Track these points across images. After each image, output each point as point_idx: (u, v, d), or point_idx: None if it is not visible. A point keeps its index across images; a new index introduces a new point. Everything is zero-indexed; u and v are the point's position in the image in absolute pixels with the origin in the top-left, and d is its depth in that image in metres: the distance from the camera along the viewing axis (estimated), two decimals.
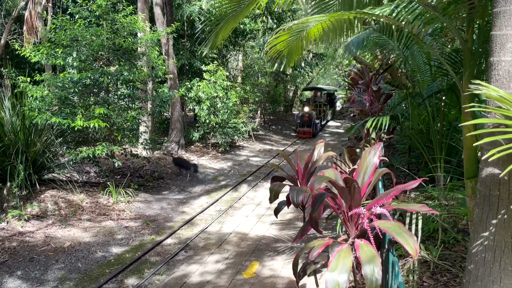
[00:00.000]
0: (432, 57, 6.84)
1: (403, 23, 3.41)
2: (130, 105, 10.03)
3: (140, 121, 10.87)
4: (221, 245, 6.44)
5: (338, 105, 32.20)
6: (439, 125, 6.61)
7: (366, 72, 8.59)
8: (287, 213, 7.90)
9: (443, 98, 6.79)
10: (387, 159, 5.35)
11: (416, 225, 3.84)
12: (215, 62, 14.84)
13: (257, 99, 19.62)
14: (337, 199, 2.85)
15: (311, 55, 26.26)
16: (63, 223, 7.03)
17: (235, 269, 5.57)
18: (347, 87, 19.48)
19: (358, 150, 5.92)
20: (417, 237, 3.75)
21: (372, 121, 5.99)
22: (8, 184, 7.37)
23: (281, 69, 8.79)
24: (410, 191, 6.17)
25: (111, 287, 5.20)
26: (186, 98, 14.54)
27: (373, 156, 2.99)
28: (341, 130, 21.93)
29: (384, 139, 7.61)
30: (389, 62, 9.66)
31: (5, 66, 9.47)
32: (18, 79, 8.16)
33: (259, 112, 22.36)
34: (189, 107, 16.57)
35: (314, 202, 2.74)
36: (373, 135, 7.00)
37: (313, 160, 3.55)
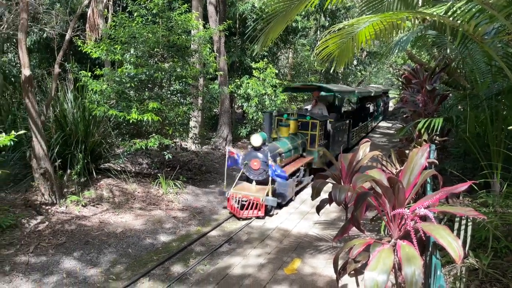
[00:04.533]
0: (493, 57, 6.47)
1: (459, 22, 3.28)
2: (182, 100, 10.38)
3: (190, 116, 11.21)
4: (264, 240, 6.52)
5: (391, 105, 30.84)
6: (497, 129, 6.25)
7: (420, 71, 8.28)
8: (331, 212, 7.83)
9: (503, 100, 6.41)
10: (437, 162, 5.16)
11: (465, 231, 3.68)
12: (265, 59, 14.94)
13: (305, 97, 19.50)
14: (380, 199, 2.81)
15: (364, 53, 25.68)
16: (116, 210, 7.43)
17: (276, 264, 5.62)
18: (400, 87, 17.72)
19: (407, 151, 5.74)
20: (465, 243, 3.60)
21: (424, 122, 5.78)
22: (68, 171, 7.90)
23: (332, 70, 8.80)
24: (464, 197, 5.91)
25: (158, 273, 5.45)
26: (235, 95, 14.79)
27: (420, 157, 2.92)
28: (392, 131, 21.22)
29: (436, 141, 7.32)
30: (447, 61, 9.24)
31: (68, 61, 10.13)
32: (80, 73, 8.70)
33: None
34: (237, 103, 16.81)
35: (356, 201, 2.72)
36: (425, 137, 6.76)
37: (358, 159, 3.51)
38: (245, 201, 7.60)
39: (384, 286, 2.30)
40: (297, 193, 9.19)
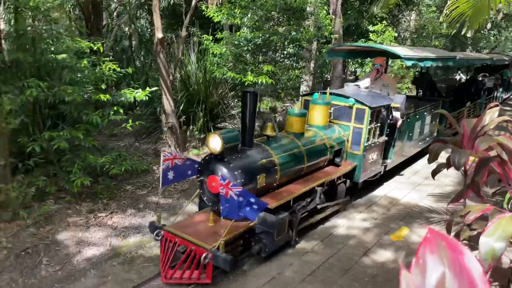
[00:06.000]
0: None
1: None
2: (295, 64, 10.50)
3: (302, 80, 11.29)
4: (370, 206, 6.48)
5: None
6: None
7: None
8: (446, 186, 7.39)
9: None
10: None
11: None
12: (384, 22, 14.12)
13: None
14: (506, 167, 2.63)
15: (500, 15, 22.56)
16: None
17: (382, 230, 5.59)
18: None
19: None
20: None
21: None
22: (191, 127, 8.72)
23: (463, 32, 7.83)
24: None
25: None
26: (349, 60, 14.36)
27: None
28: None
29: None
30: None
31: (193, 25, 10.89)
32: (203, 37, 9.33)
33: None
34: (350, 69, 16.32)
35: (478, 165, 2.58)
36: None
37: (483, 125, 3.27)
38: (183, 252, 4.26)
39: (500, 254, 2.21)
40: (304, 231, 5.39)
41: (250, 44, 9.16)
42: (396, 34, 15.16)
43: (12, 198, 5.07)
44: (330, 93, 6.32)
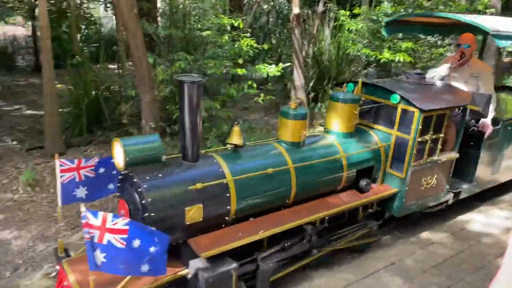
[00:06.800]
0: None
1: None
2: (439, 41, 9.58)
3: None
4: None
5: None
6: None
7: None
8: None
9: None
10: None
11: None
12: None
13: None
14: None
15: None
16: None
17: None
18: None
19: None
20: None
21: None
22: (319, 104, 8.72)
23: None
24: None
25: None
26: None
27: None
28: None
29: None
30: None
31: (329, 1, 10.71)
32: (339, 12, 9.13)
33: None
34: (508, 48, 14.19)
35: None
36: None
37: None
38: None
39: None
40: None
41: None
42: None
43: None
44: (365, 84, 4.49)
